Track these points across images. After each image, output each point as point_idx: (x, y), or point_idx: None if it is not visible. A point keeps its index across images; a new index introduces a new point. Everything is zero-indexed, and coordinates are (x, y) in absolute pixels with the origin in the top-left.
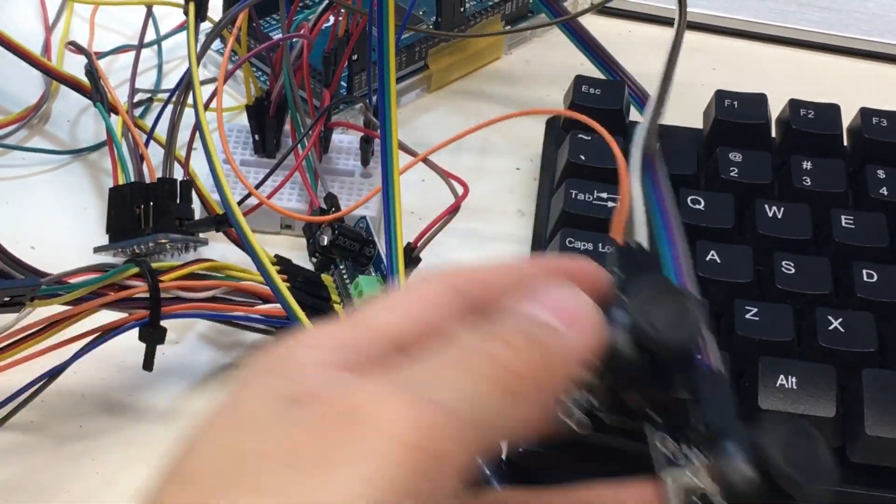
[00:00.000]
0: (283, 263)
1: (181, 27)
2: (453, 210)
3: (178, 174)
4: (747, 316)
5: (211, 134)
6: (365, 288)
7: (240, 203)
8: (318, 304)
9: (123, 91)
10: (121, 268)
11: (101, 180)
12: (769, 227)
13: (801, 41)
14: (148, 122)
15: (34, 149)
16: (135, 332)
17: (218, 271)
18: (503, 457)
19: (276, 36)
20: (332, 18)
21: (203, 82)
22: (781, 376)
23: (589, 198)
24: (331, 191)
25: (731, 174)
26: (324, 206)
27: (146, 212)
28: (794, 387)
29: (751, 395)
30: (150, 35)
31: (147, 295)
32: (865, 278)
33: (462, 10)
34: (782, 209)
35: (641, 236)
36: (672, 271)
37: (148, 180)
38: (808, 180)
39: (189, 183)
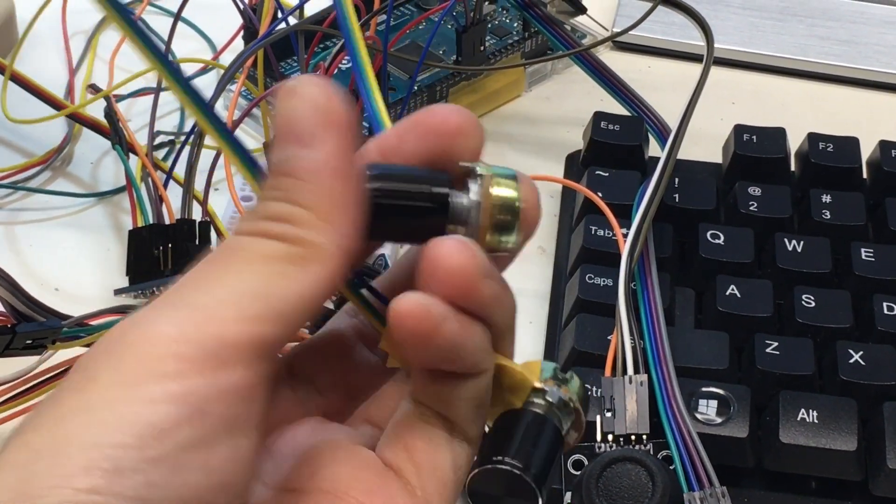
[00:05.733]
0: None
1: (203, 70)
2: None
3: (198, 214)
4: (768, 350)
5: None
6: None
7: None
8: None
9: (146, 133)
10: None
11: (123, 222)
12: (789, 260)
13: (820, 74)
14: (169, 163)
15: (57, 192)
16: None
17: None
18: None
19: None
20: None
21: None
22: (802, 410)
23: (608, 234)
24: None
25: (751, 208)
26: None
27: (165, 253)
28: (816, 420)
29: (772, 429)
30: None
31: None
32: (886, 311)
33: (482, 48)
34: (802, 243)
35: None
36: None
37: (167, 221)
38: (828, 214)
39: (207, 223)
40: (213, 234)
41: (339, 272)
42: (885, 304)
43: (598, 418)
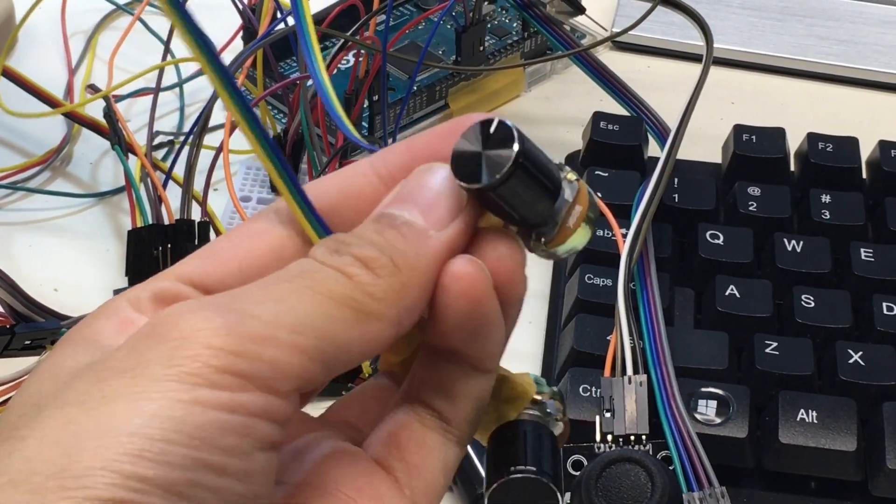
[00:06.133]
0: None
1: (202, 71)
2: None
3: (197, 214)
4: (767, 350)
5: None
6: None
7: None
8: None
9: (145, 133)
10: None
11: (122, 222)
12: (788, 261)
13: (820, 74)
14: (168, 164)
15: (56, 192)
16: None
17: None
18: None
19: (293, 77)
20: (351, 59)
21: (218, 126)
22: (802, 410)
23: (607, 234)
24: None
25: (750, 208)
26: None
27: (165, 253)
28: (815, 421)
29: (772, 429)
30: (174, 78)
31: None
32: (885, 311)
33: (481, 48)
34: (801, 243)
35: None
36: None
37: (166, 222)
38: (827, 214)
39: (207, 224)
40: (212, 235)
41: (390, 342)
42: (884, 304)
43: (598, 419)
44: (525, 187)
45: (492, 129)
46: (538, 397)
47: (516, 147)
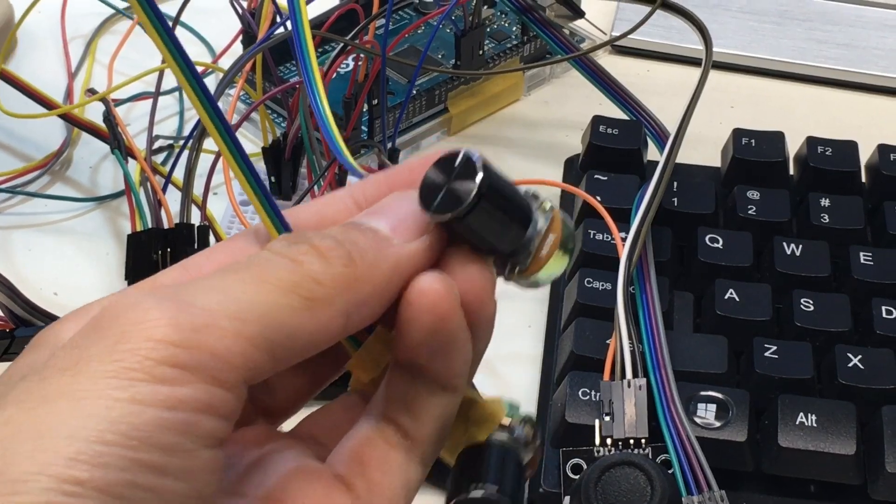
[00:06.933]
0: None
1: (202, 74)
2: None
3: (196, 218)
4: (766, 354)
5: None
6: None
7: None
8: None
9: (144, 138)
10: None
11: (122, 226)
12: (788, 264)
13: (819, 78)
14: (167, 168)
15: (56, 196)
16: None
17: None
18: None
19: (292, 81)
20: (350, 63)
21: None
22: (801, 414)
23: (607, 238)
24: None
25: (750, 212)
26: None
27: (164, 257)
28: (814, 424)
29: (771, 432)
30: (173, 82)
31: None
32: (885, 315)
33: (480, 52)
34: (801, 246)
35: None
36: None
37: (166, 226)
38: (827, 217)
39: (206, 227)
40: (211, 238)
41: (337, 333)
42: (883, 308)
43: (597, 422)
44: (491, 218)
45: (457, 162)
46: (507, 421)
47: (479, 179)
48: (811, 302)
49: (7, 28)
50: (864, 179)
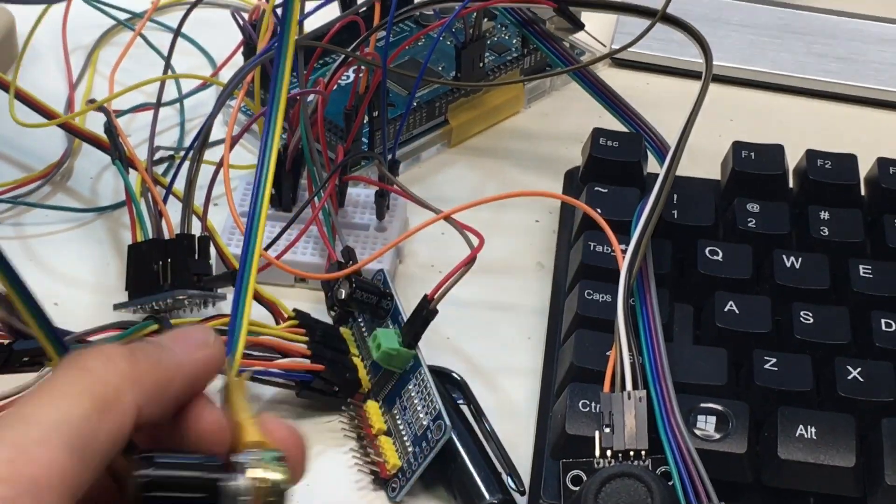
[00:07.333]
0: (301, 317)
1: (203, 86)
2: (469, 262)
3: (197, 229)
4: (766, 366)
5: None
6: (383, 341)
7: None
8: (336, 356)
9: (145, 148)
10: (140, 325)
11: (122, 237)
12: (787, 277)
13: (818, 91)
14: (168, 179)
15: (56, 206)
16: None
17: None
18: None
19: (293, 92)
20: (351, 75)
21: (218, 142)
22: (801, 426)
23: (607, 250)
24: (347, 244)
25: (749, 225)
26: (341, 259)
27: (164, 268)
28: (814, 437)
29: (771, 445)
30: (174, 94)
31: None
32: (884, 328)
33: (481, 64)
34: (800, 259)
35: None
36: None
37: (167, 236)
38: (826, 230)
39: (207, 238)
40: (212, 249)
41: (131, 427)
42: (883, 321)
43: (597, 434)
44: None
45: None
46: (241, 458)
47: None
48: (811, 314)
49: (8, 38)
50: (863, 192)
